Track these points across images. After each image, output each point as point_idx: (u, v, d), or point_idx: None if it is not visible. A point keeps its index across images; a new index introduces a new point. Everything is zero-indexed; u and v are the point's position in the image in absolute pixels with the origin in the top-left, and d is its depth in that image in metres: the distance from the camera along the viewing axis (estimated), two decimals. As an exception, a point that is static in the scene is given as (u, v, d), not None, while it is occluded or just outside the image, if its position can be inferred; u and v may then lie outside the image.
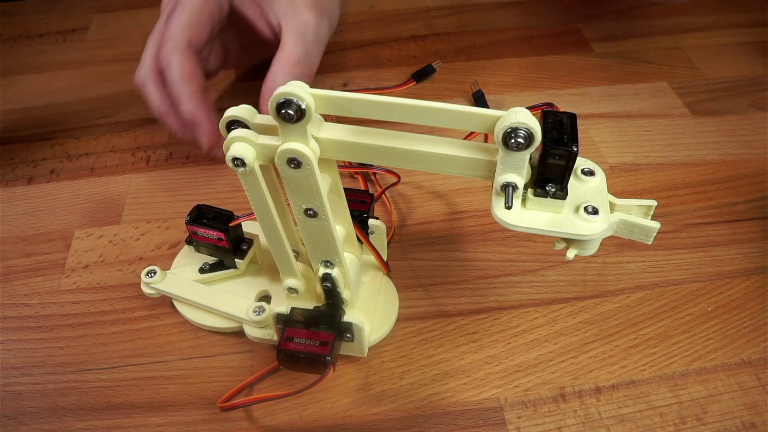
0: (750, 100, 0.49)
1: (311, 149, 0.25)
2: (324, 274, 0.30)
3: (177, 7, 0.39)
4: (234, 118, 0.26)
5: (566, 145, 0.23)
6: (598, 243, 0.26)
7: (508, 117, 0.22)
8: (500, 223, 0.25)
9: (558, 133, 0.24)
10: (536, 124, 0.22)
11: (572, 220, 0.25)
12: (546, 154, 0.23)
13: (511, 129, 0.22)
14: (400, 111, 0.24)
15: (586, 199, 0.25)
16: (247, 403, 0.32)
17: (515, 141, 0.22)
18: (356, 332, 0.31)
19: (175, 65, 0.38)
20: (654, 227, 0.25)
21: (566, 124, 0.24)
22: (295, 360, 0.30)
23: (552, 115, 0.24)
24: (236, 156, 0.25)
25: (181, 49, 0.38)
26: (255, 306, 0.33)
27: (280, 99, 0.23)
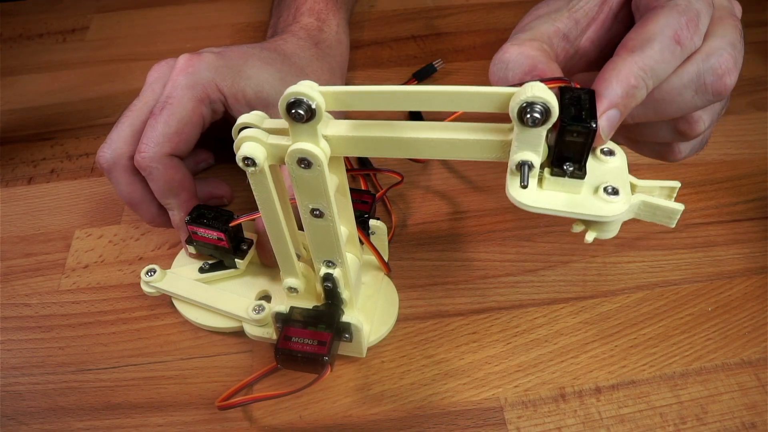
0: (750, 100, 0.48)
1: (321, 149, 0.25)
2: (326, 274, 0.30)
3: (166, 108, 0.34)
4: (244, 124, 0.26)
5: (585, 122, 0.22)
6: (619, 225, 0.25)
7: (523, 91, 0.21)
8: (516, 203, 0.23)
9: (576, 109, 0.22)
10: (553, 98, 0.21)
11: (591, 201, 0.23)
12: (563, 131, 0.22)
13: (527, 104, 0.21)
14: (412, 99, 0.23)
15: (605, 180, 0.24)
16: (245, 402, 0.32)
17: (531, 116, 0.21)
18: (355, 332, 0.31)
19: (161, 176, 0.34)
20: (678, 209, 0.24)
21: (584, 100, 0.23)
22: (293, 359, 0.30)
23: (569, 91, 0.23)
24: (247, 156, 0.25)
25: (164, 160, 0.34)
26: (255, 304, 0.33)
27: (291, 99, 0.23)
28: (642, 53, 0.25)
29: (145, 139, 0.34)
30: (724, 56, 0.26)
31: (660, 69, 0.25)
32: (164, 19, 0.59)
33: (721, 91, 0.26)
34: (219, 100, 0.36)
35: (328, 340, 0.30)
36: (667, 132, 0.29)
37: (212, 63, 0.36)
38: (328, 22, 0.46)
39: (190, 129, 0.35)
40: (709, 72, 0.26)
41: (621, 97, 0.25)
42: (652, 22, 0.26)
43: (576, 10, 0.30)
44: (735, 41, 0.27)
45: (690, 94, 0.27)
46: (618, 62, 0.25)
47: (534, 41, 0.28)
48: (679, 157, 0.31)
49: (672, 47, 0.25)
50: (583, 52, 0.30)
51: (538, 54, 0.27)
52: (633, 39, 0.26)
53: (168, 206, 0.35)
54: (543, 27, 0.29)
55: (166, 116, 0.34)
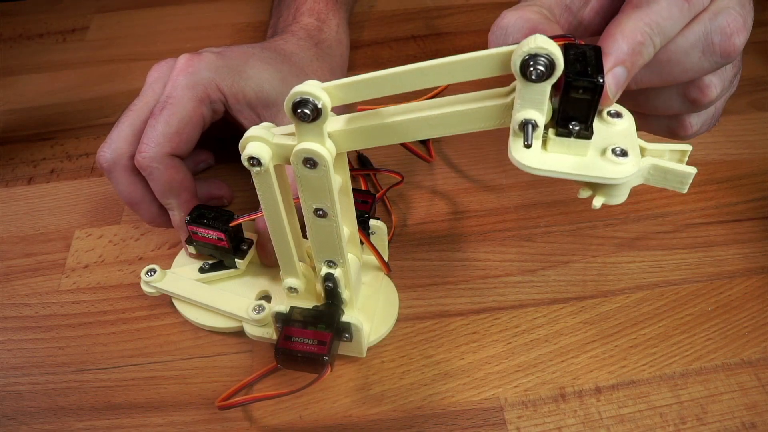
0: (750, 100, 0.48)
1: (327, 149, 0.24)
2: (327, 273, 0.30)
3: (166, 108, 0.34)
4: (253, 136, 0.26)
5: (591, 77, 0.21)
6: (628, 190, 0.24)
7: (526, 43, 0.20)
8: (519, 166, 0.22)
9: (582, 65, 0.21)
10: (557, 49, 0.20)
11: (599, 163, 0.22)
12: (569, 87, 0.21)
13: (530, 56, 0.20)
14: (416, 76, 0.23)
15: (613, 142, 0.23)
16: (245, 402, 0.32)
17: (535, 69, 0.20)
18: (355, 332, 0.31)
19: (161, 176, 0.34)
20: (690, 172, 0.23)
21: (590, 56, 0.22)
22: (293, 359, 0.30)
23: (574, 48, 0.22)
24: (252, 155, 0.25)
25: (164, 160, 0.34)
26: (255, 304, 0.33)
27: (297, 98, 0.23)
28: (648, 9, 0.24)
29: (145, 139, 0.33)
30: (733, 15, 0.25)
31: (667, 26, 0.24)
32: (164, 19, 0.59)
33: (730, 51, 0.25)
34: (219, 100, 0.36)
35: (328, 340, 0.30)
36: (677, 100, 0.28)
37: (212, 63, 0.36)
38: (328, 22, 0.46)
39: (190, 129, 0.35)
40: (717, 31, 0.25)
41: (627, 54, 0.24)
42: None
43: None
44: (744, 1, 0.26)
45: (697, 55, 0.25)
46: (623, 18, 0.24)
47: (533, 6, 0.27)
48: (690, 131, 0.30)
49: (679, 3, 0.24)
50: (588, 22, 0.29)
51: (538, 17, 0.26)
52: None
53: (168, 206, 0.35)
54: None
55: (166, 116, 0.34)
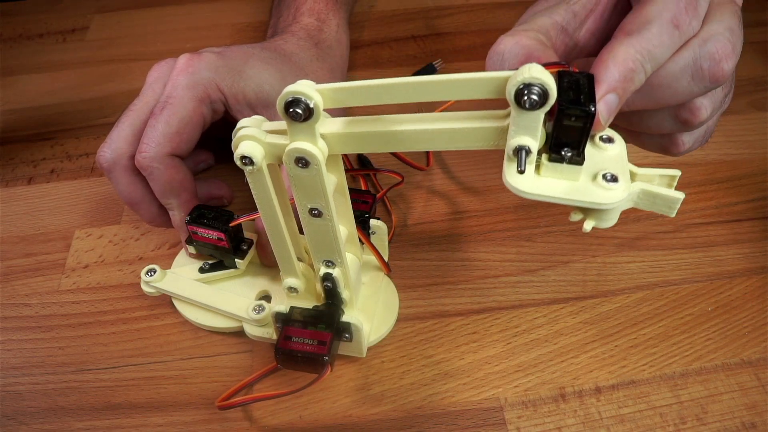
0: (750, 100, 0.48)
1: (319, 149, 0.25)
2: (325, 273, 0.30)
3: (166, 107, 0.34)
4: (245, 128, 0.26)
5: (583, 105, 0.21)
6: (618, 214, 0.24)
7: (520, 73, 0.21)
8: (512, 190, 0.23)
9: (575, 93, 0.22)
10: (551, 79, 0.21)
11: (590, 188, 0.23)
12: (562, 114, 0.22)
13: (524, 85, 0.21)
14: (410, 89, 0.23)
15: (604, 167, 0.23)
16: (245, 402, 0.32)
17: (529, 98, 0.21)
18: (355, 332, 0.31)
19: (161, 176, 0.34)
20: (678, 198, 0.24)
21: (583, 84, 0.22)
22: (293, 359, 0.30)
23: (568, 75, 0.23)
24: (245, 154, 0.25)
25: (165, 160, 0.34)
26: (255, 304, 0.33)
27: (289, 98, 0.23)
28: (640, 36, 0.25)
29: (145, 139, 0.33)
30: (722, 41, 0.26)
31: (658, 53, 0.25)
32: (164, 19, 0.59)
33: (719, 77, 0.26)
34: (219, 100, 0.36)
35: (328, 340, 0.30)
36: (668, 121, 0.29)
37: (212, 63, 0.36)
38: (328, 22, 0.46)
39: (190, 129, 0.35)
40: (706, 57, 0.25)
41: (619, 81, 0.24)
42: (650, 5, 0.25)
43: (574, 2, 0.29)
44: (733, 26, 0.26)
45: (687, 80, 0.26)
46: (615, 46, 0.25)
47: (529, 31, 0.27)
48: (682, 149, 0.30)
49: (670, 31, 0.25)
50: (583, 44, 0.30)
51: (534, 43, 0.26)
52: (631, 22, 0.26)
53: (168, 206, 0.35)
54: (540, 20, 0.28)
55: (166, 116, 0.34)
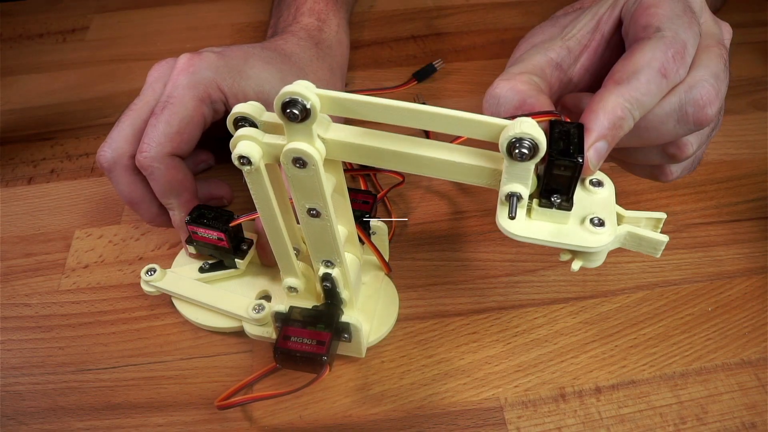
0: (750, 100, 0.48)
1: (317, 149, 0.25)
2: (324, 273, 0.30)
3: (167, 107, 0.34)
4: (241, 114, 0.26)
5: (572, 156, 0.23)
6: (605, 255, 0.26)
7: (512, 127, 0.22)
8: (504, 233, 0.24)
9: (564, 143, 0.23)
10: (541, 134, 0.22)
11: (578, 232, 0.24)
12: (552, 164, 0.23)
13: (516, 139, 0.22)
14: (406, 115, 0.24)
15: (592, 211, 0.25)
16: (244, 402, 0.32)
17: (519, 151, 0.22)
18: (354, 333, 0.31)
19: (162, 176, 0.34)
20: (662, 240, 0.25)
21: (573, 134, 0.24)
22: (292, 359, 0.30)
23: (559, 125, 0.24)
24: (242, 154, 0.25)
25: (165, 160, 0.34)
26: (255, 304, 0.33)
27: (286, 98, 0.23)
28: (628, 85, 0.26)
29: (146, 139, 0.33)
30: (706, 88, 0.27)
31: (646, 101, 0.26)
32: (164, 19, 0.59)
33: (702, 121, 0.27)
34: (220, 100, 0.36)
35: (326, 340, 0.30)
36: (657, 155, 0.30)
37: (213, 62, 0.36)
38: (328, 22, 0.46)
39: (191, 129, 0.35)
40: (691, 103, 0.27)
41: (608, 129, 0.25)
42: (639, 54, 0.26)
43: (569, 38, 0.30)
44: (719, 72, 0.28)
45: (672, 124, 0.27)
46: (605, 94, 0.26)
47: (524, 74, 0.28)
48: (670, 178, 0.32)
49: (658, 80, 0.26)
50: (578, 79, 0.31)
51: (528, 88, 0.27)
52: (620, 71, 0.27)
53: (169, 206, 0.35)
54: (535, 58, 0.30)
55: (167, 116, 0.34)
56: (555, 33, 0.31)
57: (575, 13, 0.32)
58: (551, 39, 0.31)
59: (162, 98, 0.34)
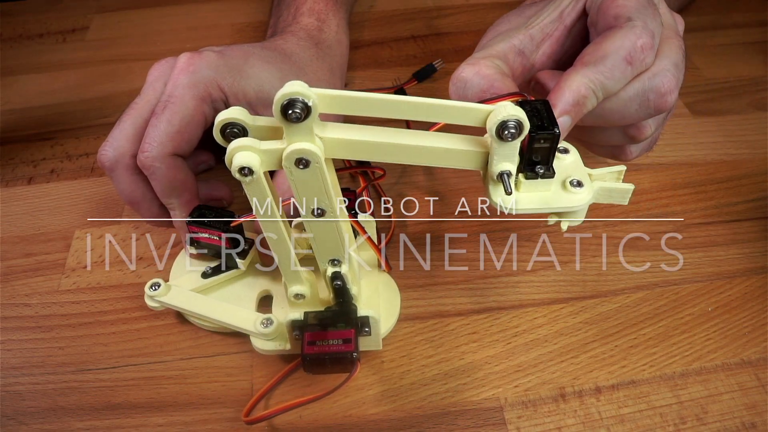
0: (750, 100, 0.48)
1: (318, 146, 0.25)
2: (333, 272, 0.30)
3: (168, 107, 0.34)
4: (230, 120, 0.25)
5: (549, 129, 0.25)
6: (586, 210, 0.28)
7: (499, 112, 0.24)
8: (501, 209, 0.26)
9: (537, 119, 0.25)
10: (523, 114, 0.24)
11: (562, 195, 0.27)
12: (533, 139, 0.25)
13: (504, 121, 0.24)
14: (401, 108, 0.25)
15: (568, 175, 0.27)
16: (273, 414, 0.31)
17: (508, 132, 0.24)
18: (373, 325, 0.31)
19: (163, 176, 0.34)
20: (629, 188, 0.28)
21: (542, 110, 0.26)
22: (320, 363, 0.30)
23: (527, 104, 0.26)
24: (243, 165, 0.24)
25: (167, 160, 0.33)
26: (262, 318, 0.32)
27: (285, 101, 0.23)
28: (594, 68, 0.28)
29: (147, 139, 0.33)
30: (668, 77, 0.29)
31: (609, 84, 0.28)
32: (164, 19, 0.59)
33: (662, 108, 0.30)
34: (220, 99, 0.36)
35: (352, 337, 0.30)
36: (618, 136, 0.33)
37: (213, 62, 0.36)
38: (328, 22, 0.46)
39: (192, 128, 0.35)
40: (653, 90, 0.29)
41: (572, 105, 0.28)
42: (609, 41, 0.29)
43: (532, 27, 0.32)
44: (678, 62, 0.30)
45: (635, 107, 0.30)
46: (572, 74, 0.28)
47: (488, 59, 0.30)
48: (630, 157, 0.35)
49: (623, 67, 0.28)
50: (540, 65, 0.33)
51: (493, 72, 0.29)
52: (589, 54, 0.29)
53: (170, 206, 0.35)
54: (499, 45, 0.31)
55: (168, 115, 0.34)
56: (520, 22, 0.33)
57: (540, 4, 0.34)
58: (516, 28, 0.33)
59: (163, 98, 0.34)
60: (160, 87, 0.35)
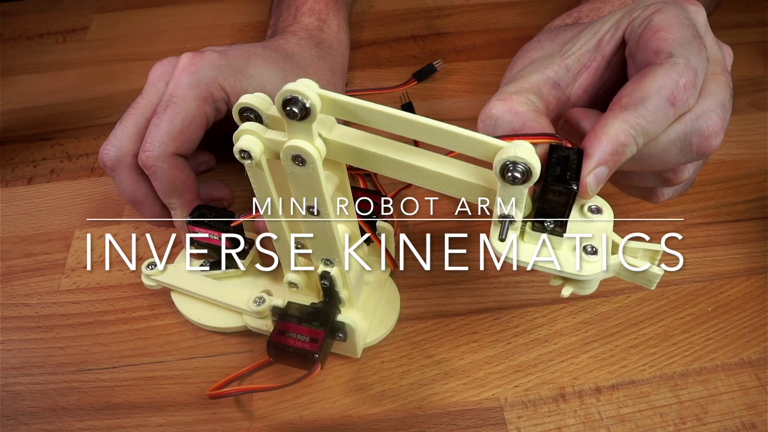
0: (750, 100, 0.48)
1: (316, 148, 0.25)
2: (323, 272, 0.30)
3: (170, 106, 0.34)
4: (247, 105, 0.26)
5: (567, 183, 0.23)
6: (597, 284, 0.25)
7: (507, 150, 0.22)
8: (494, 254, 0.24)
9: (562, 168, 0.23)
10: (536, 159, 0.22)
11: (569, 259, 0.24)
12: (546, 189, 0.23)
13: (510, 162, 0.22)
14: (405, 125, 0.24)
15: (588, 237, 0.25)
16: (236, 393, 0.32)
17: (512, 175, 0.22)
18: (349, 333, 0.31)
19: (165, 175, 0.34)
20: (657, 274, 0.25)
21: (572, 160, 0.24)
22: (284, 353, 0.30)
23: (559, 150, 0.24)
24: (243, 148, 0.25)
25: (168, 159, 0.34)
26: (255, 296, 0.33)
27: (287, 96, 0.23)
28: (635, 112, 0.25)
29: (149, 138, 0.33)
30: (713, 118, 0.26)
31: (651, 129, 0.25)
32: (164, 19, 0.59)
33: (706, 152, 0.27)
34: (222, 99, 0.36)
35: (320, 338, 0.30)
36: (652, 179, 0.30)
37: (215, 62, 0.36)
38: (328, 22, 0.46)
39: (194, 128, 0.35)
40: (696, 133, 0.26)
41: (610, 155, 0.25)
42: (649, 80, 0.26)
43: (568, 56, 0.29)
44: (725, 101, 0.27)
45: (675, 152, 0.27)
46: (610, 119, 0.25)
47: (521, 94, 0.28)
48: (661, 199, 0.32)
49: (666, 108, 0.25)
50: (576, 99, 0.30)
51: (526, 110, 0.27)
52: (628, 96, 0.26)
53: (171, 206, 0.35)
54: (532, 77, 0.29)
55: (170, 115, 0.34)
56: (553, 49, 0.31)
57: (574, 29, 0.31)
58: (550, 56, 0.30)
59: (164, 97, 0.34)
60: (161, 87, 0.35)
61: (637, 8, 0.29)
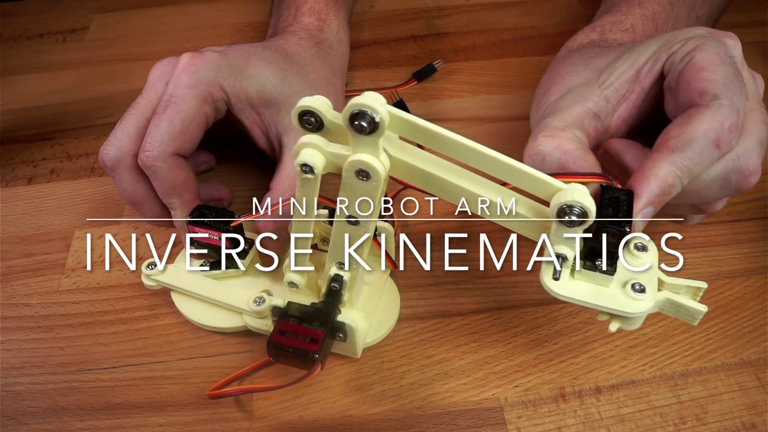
0: (750, 100, 0.48)
1: (382, 163, 0.24)
2: (335, 275, 0.30)
3: (170, 106, 0.34)
4: (307, 108, 0.25)
5: (620, 225, 0.24)
6: (643, 319, 0.26)
7: (565, 194, 0.23)
8: (547, 291, 0.25)
9: (614, 209, 0.24)
10: (592, 204, 0.22)
11: (618, 296, 0.25)
12: (599, 230, 0.24)
13: (567, 206, 0.23)
14: (469, 154, 0.24)
15: (634, 276, 0.26)
16: (236, 393, 0.32)
17: (569, 218, 0.23)
18: (349, 333, 0.31)
19: (165, 175, 0.34)
20: (701, 310, 0.26)
21: (623, 201, 0.24)
22: (284, 353, 0.30)
23: (610, 191, 0.25)
24: (306, 162, 0.24)
25: (168, 159, 0.34)
26: (255, 296, 0.33)
27: (354, 110, 0.23)
28: (682, 154, 0.26)
29: (149, 138, 0.33)
30: (753, 158, 0.27)
31: (696, 170, 0.27)
32: (164, 19, 0.59)
33: (743, 189, 0.28)
34: (222, 99, 0.36)
35: (320, 338, 0.30)
36: (686, 209, 0.31)
37: (215, 62, 0.36)
38: (328, 22, 0.46)
39: (194, 128, 0.35)
40: (737, 172, 0.27)
41: (658, 196, 0.26)
42: (696, 122, 0.27)
43: (606, 87, 0.30)
44: (762, 138, 0.28)
45: (715, 189, 0.28)
46: (658, 160, 0.26)
47: (567, 130, 0.28)
48: (690, 223, 0.34)
49: (711, 151, 0.26)
50: (615, 129, 0.31)
51: (574, 147, 0.27)
52: (675, 137, 0.27)
53: (171, 206, 0.35)
54: (574, 108, 0.29)
55: (170, 115, 0.34)
56: (589, 77, 0.31)
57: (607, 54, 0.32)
58: (587, 84, 0.30)
59: (164, 97, 0.34)
60: (161, 87, 0.35)
61: (676, 41, 0.29)
